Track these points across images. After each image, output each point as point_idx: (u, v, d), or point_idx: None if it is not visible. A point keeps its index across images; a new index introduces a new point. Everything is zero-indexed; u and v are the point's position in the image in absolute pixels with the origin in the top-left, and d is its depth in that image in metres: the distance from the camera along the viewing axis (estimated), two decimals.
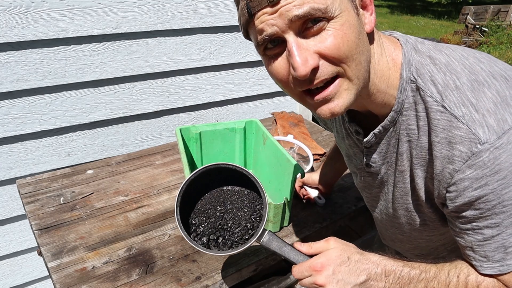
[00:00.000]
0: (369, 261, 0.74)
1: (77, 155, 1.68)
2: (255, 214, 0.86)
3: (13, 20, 1.35)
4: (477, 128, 0.61)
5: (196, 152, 1.41)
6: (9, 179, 1.57)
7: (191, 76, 1.80)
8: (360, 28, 0.63)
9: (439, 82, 0.65)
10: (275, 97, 2.12)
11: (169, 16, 1.62)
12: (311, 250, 0.79)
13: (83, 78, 1.55)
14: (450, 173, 0.64)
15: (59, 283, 1.03)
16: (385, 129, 0.74)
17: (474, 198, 0.63)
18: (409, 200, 0.79)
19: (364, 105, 0.74)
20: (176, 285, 1.05)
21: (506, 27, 9.90)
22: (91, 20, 1.47)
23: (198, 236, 0.85)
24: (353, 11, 0.62)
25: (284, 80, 0.66)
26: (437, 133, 0.65)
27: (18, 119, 1.49)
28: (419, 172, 0.73)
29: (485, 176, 0.61)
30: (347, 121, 0.81)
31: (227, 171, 0.86)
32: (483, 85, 0.63)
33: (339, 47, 0.60)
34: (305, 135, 1.80)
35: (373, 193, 0.90)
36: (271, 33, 0.61)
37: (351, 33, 0.60)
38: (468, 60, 0.67)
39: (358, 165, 0.88)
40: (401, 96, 0.69)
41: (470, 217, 0.66)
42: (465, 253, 0.72)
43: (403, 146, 0.73)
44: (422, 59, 0.68)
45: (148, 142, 1.84)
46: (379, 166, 0.81)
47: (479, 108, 0.62)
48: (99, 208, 1.32)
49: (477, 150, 0.60)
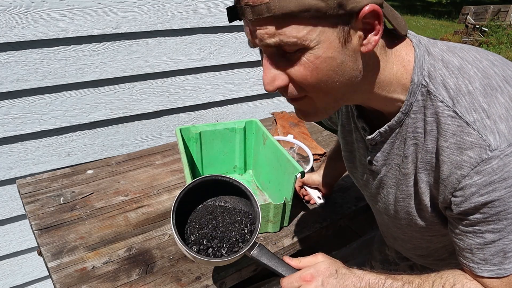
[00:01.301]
0: (354, 275, 0.77)
1: (77, 155, 1.68)
2: (247, 229, 0.89)
3: (13, 20, 1.35)
4: (488, 135, 0.60)
5: (196, 152, 1.41)
6: (9, 179, 1.57)
7: (191, 76, 1.80)
8: (344, 57, 0.61)
9: (451, 87, 0.64)
10: (275, 97, 2.12)
11: (169, 16, 1.62)
12: (299, 264, 0.81)
13: (83, 78, 1.55)
14: (458, 179, 0.64)
15: (59, 283, 1.03)
16: (391, 129, 0.73)
17: (480, 204, 0.63)
18: (411, 204, 0.79)
19: (369, 105, 0.74)
20: (176, 285, 1.05)
21: (506, 27, 9.89)
22: (91, 20, 1.47)
23: (189, 245, 0.87)
24: (337, 41, 0.59)
25: None
26: (447, 138, 0.64)
27: (18, 119, 1.49)
28: (423, 176, 0.72)
29: (493, 183, 0.61)
30: (356, 116, 0.81)
31: (224, 182, 0.89)
32: (496, 90, 0.63)
33: (306, 78, 0.61)
34: (305, 135, 1.80)
35: (372, 193, 0.90)
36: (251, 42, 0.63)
37: (325, 67, 0.60)
38: (481, 63, 0.66)
39: (362, 160, 0.87)
40: (410, 99, 0.68)
41: (473, 221, 0.66)
42: (463, 254, 0.71)
43: (409, 149, 0.73)
44: (435, 62, 0.67)
45: (148, 142, 1.84)
46: (380, 166, 0.81)
47: (490, 114, 0.61)
48: (99, 208, 1.32)
49: (486, 156, 0.60)
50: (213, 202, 0.92)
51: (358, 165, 0.91)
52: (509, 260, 0.66)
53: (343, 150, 0.97)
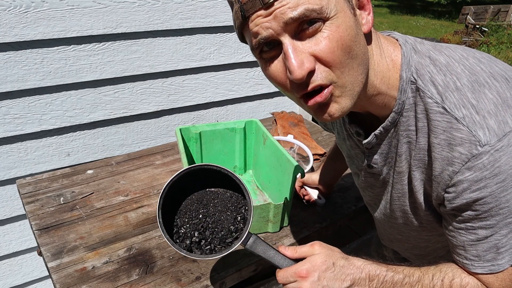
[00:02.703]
0: (354, 266, 0.75)
1: (77, 155, 1.68)
2: (240, 217, 0.85)
3: (13, 20, 1.35)
4: (478, 130, 0.60)
5: (196, 152, 1.41)
6: (9, 179, 1.57)
7: (191, 76, 1.80)
8: (357, 29, 0.62)
9: (439, 83, 0.64)
10: (275, 97, 2.12)
11: (169, 16, 1.62)
12: (295, 255, 0.79)
13: (83, 78, 1.55)
14: (449, 175, 0.64)
15: (59, 283, 1.03)
16: (386, 130, 0.73)
17: (472, 200, 0.63)
18: (406, 202, 0.79)
19: (364, 106, 0.73)
20: (176, 285, 1.05)
21: (506, 27, 9.89)
22: (91, 20, 1.47)
23: (180, 238, 0.83)
24: (350, 12, 0.61)
25: (282, 83, 0.65)
26: (437, 134, 0.65)
27: (18, 119, 1.49)
28: (417, 174, 0.72)
29: (484, 179, 0.61)
30: (348, 122, 0.81)
31: (212, 173, 0.85)
32: (484, 86, 0.63)
33: (333, 51, 0.59)
34: (305, 135, 1.80)
35: (375, 193, 0.89)
36: (266, 36, 0.60)
37: (347, 36, 0.59)
38: (468, 60, 0.66)
39: (360, 166, 0.87)
40: (401, 97, 0.68)
41: (465, 217, 0.66)
42: (456, 251, 0.72)
43: (402, 147, 0.73)
44: (421, 60, 0.67)
45: (148, 142, 1.84)
46: (380, 167, 0.81)
47: (479, 110, 0.61)
48: (99, 208, 1.32)
49: (477, 152, 0.60)
50: (203, 190, 0.87)
51: (357, 170, 0.91)
52: (502, 256, 0.66)
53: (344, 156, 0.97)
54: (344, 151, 0.95)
